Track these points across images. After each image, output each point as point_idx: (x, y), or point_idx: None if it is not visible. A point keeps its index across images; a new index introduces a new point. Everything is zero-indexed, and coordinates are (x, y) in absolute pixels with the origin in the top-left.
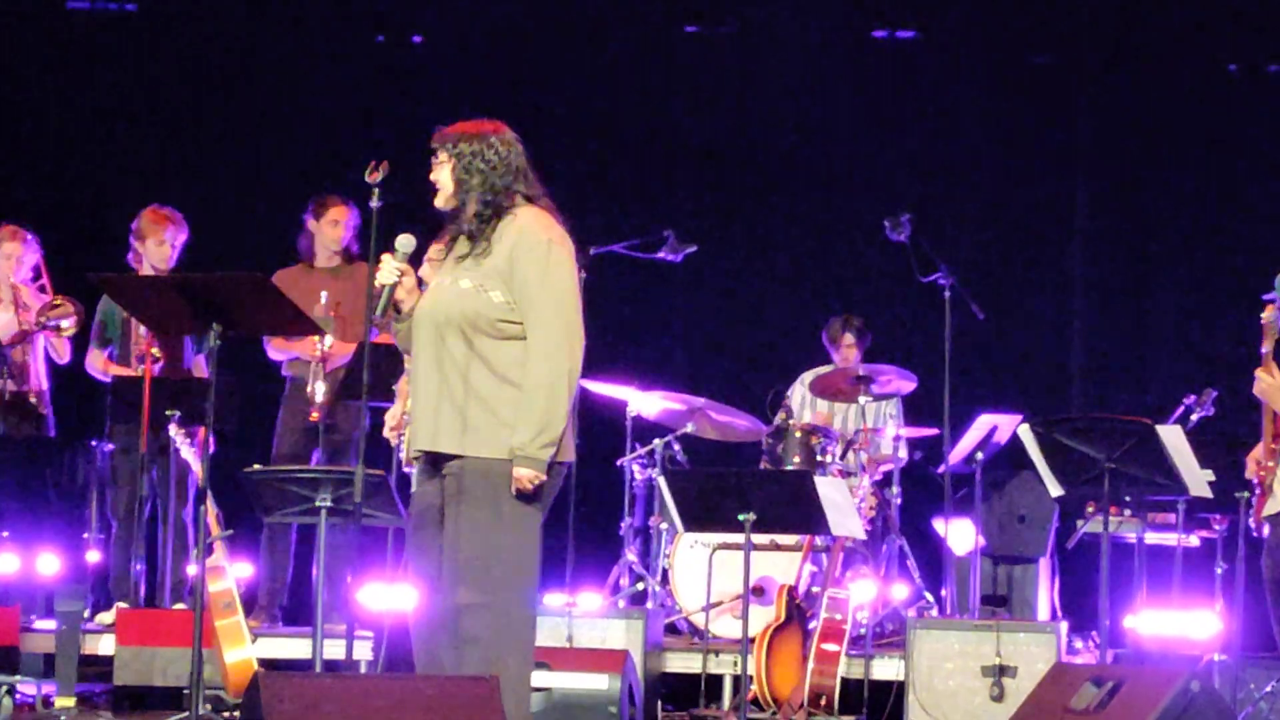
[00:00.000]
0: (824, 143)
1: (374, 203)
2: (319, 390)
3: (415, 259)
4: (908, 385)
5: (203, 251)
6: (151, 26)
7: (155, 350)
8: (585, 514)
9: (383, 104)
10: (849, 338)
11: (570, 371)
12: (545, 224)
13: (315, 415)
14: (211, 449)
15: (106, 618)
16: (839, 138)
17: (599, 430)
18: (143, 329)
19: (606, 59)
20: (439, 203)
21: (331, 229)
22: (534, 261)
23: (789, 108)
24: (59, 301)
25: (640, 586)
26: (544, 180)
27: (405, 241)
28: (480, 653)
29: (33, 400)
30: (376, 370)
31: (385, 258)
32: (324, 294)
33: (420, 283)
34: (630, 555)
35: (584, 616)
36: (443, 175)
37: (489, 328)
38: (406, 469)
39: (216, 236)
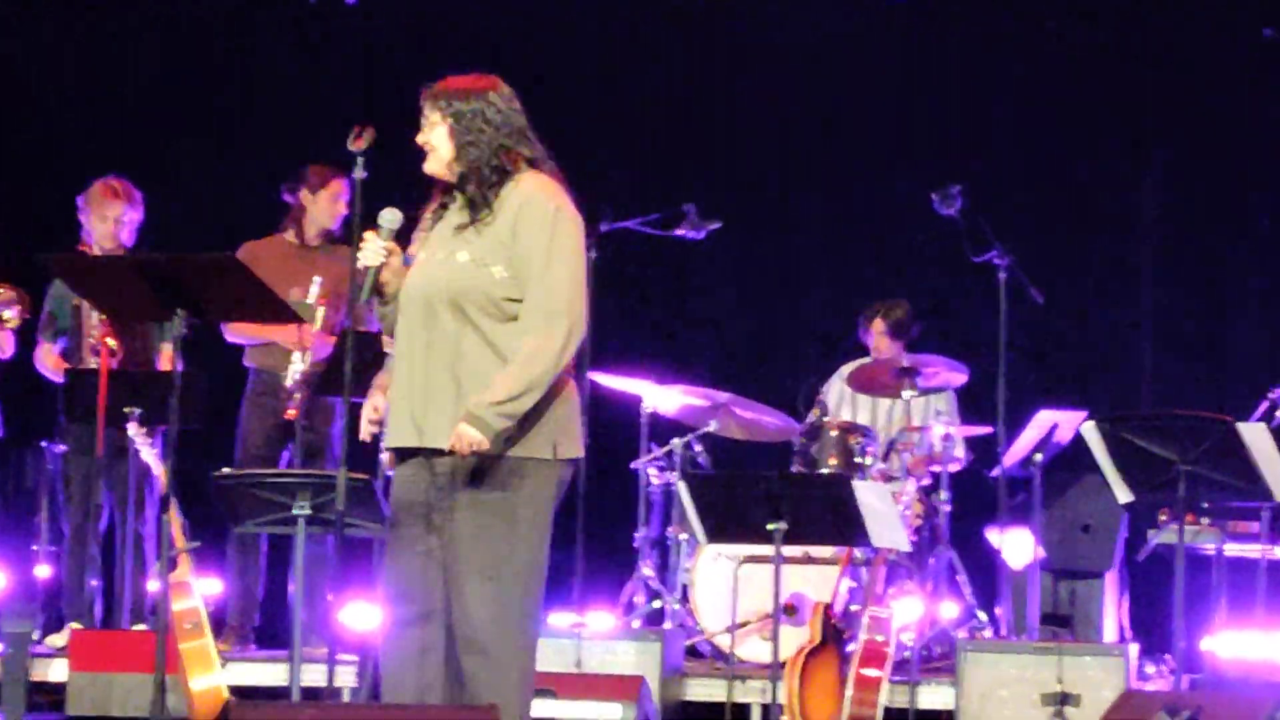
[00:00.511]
0: (865, 107)
1: (358, 173)
2: (297, 385)
3: (401, 236)
4: (958, 378)
5: (162, 231)
6: None
7: (111, 341)
8: (595, 523)
9: (365, 65)
10: (880, 326)
11: (561, 352)
12: (552, 191)
13: (292, 412)
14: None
15: (58, 640)
16: (882, 102)
17: (611, 429)
18: (97, 318)
19: (623, 15)
20: (431, 168)
21: (330, 204)
22: (538, 231)
23: (826, 68)
24: (0, 289)
25: (657, 604)
26: (551, 146)
27: (390, 217)
28: (481, 678)
29: None
30: (358, 363)
31: (369, 236)
32: (317, 279)
33: (407, 261)
34: (646, 569)
35: (594, 638)
36: (436, 137)
37: (491, 306)
38: (389, 472)
39: (178, 214)
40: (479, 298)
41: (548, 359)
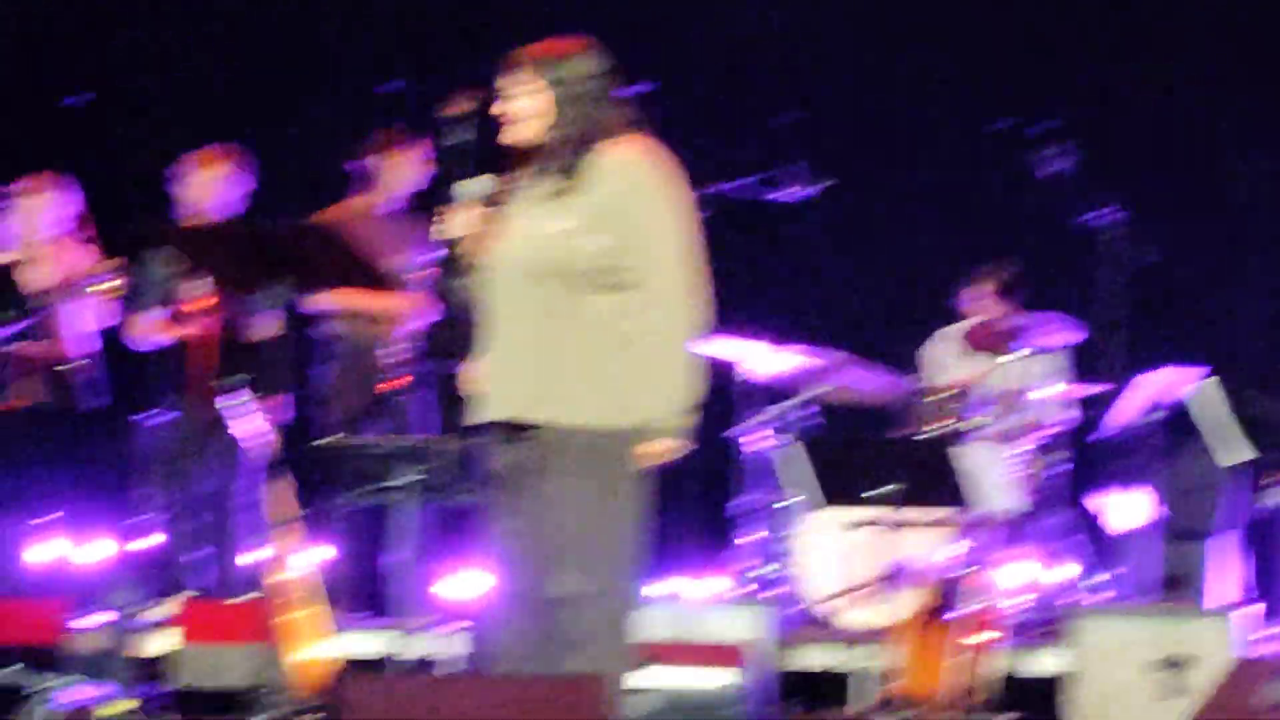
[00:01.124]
0: (970, 60)
1: (449, 140)
2: (391, 352)
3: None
4: (1072, 337)
5: (268, 201)
6: None
7: (209, 307)
8: (698, 489)
9: (456, 24)
10: (988, 288)
11: (696, 323)
12: (656, 157)
13: (386, 384)
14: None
15: (165, 611)
16: (988, 54)
17: (710, 395)
18: (193, 288)
19: None
20: (521, 135)
21: (402, 170)
22: (649, 199)
23: (935, 25)
24: (101, 257)
25: (764, 572)
26: (644, 106)
27: (475, 186)
28: (582, 649)
29: (75, 368)
30: (451, 332)
31: (453, 208)
32: (406, 247)
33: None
34: (750, 537)
35: (699, 606)
36: (533, 104)
37: (588, 276)
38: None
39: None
40: (576, 267)
41: (686, 332)
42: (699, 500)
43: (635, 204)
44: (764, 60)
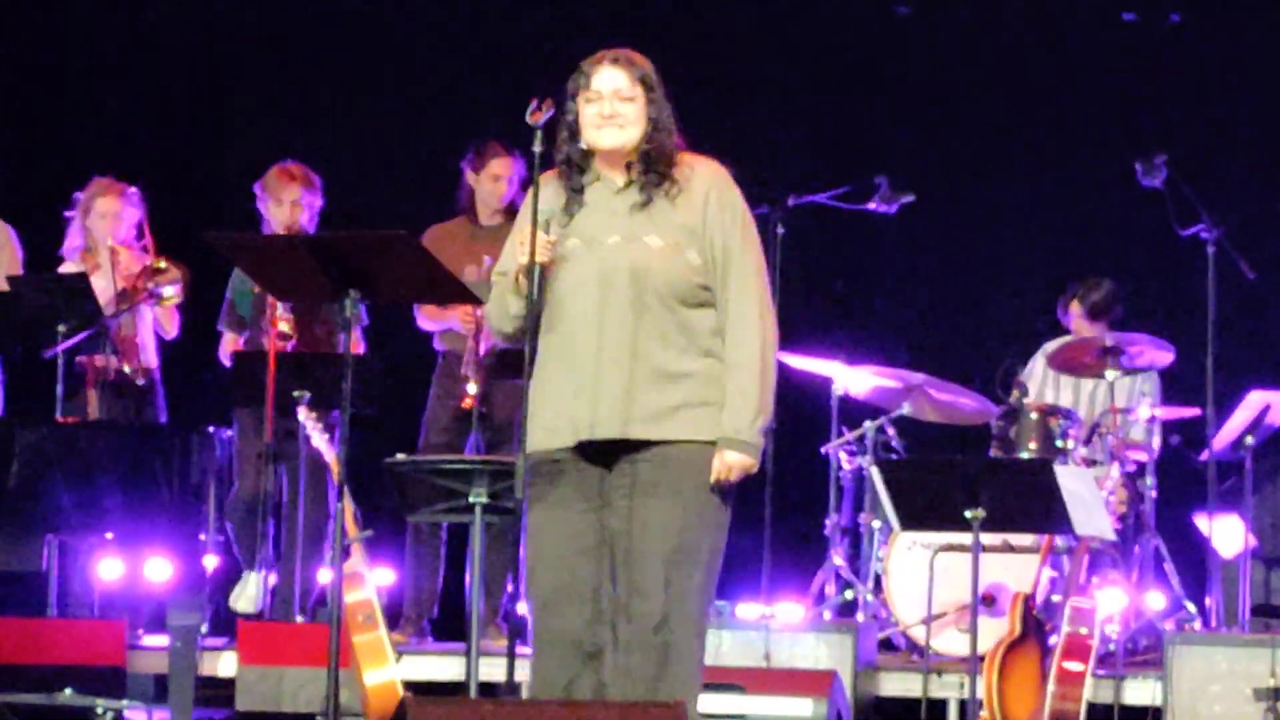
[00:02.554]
0: (1064, 74)
1: (537, 147)
2: (472, 370)
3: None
4: (1164, 357)
5: (340, 210)
6: None
7: (284, 325)
8: (784, 510)
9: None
10: (1078, 308)
11: (774, 344)
12: (731, 178)
13: (469, 401)
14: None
15: (249, 587)
16: (1082, 68)
17: (799, 412)
18: (281, 308)
19: None
20: (614, 142)
21: (493, 184)
22: (735, 219)
23: (1021, 33)
24: (162, 265)
25: (849, 595)
26: (736, 118)
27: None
28: (663, 671)
29: (141, 381)
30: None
31: (540, 235)
32: (487, 258)
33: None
34: (837, 559)
35: (784, 630)
36: (632, 110)
37: (688, 293)
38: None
39: (356, 193)
40: (675, 284)
41: (771, 354)
42: (791, 518)
43: (724, 222)
44: (848, 72)
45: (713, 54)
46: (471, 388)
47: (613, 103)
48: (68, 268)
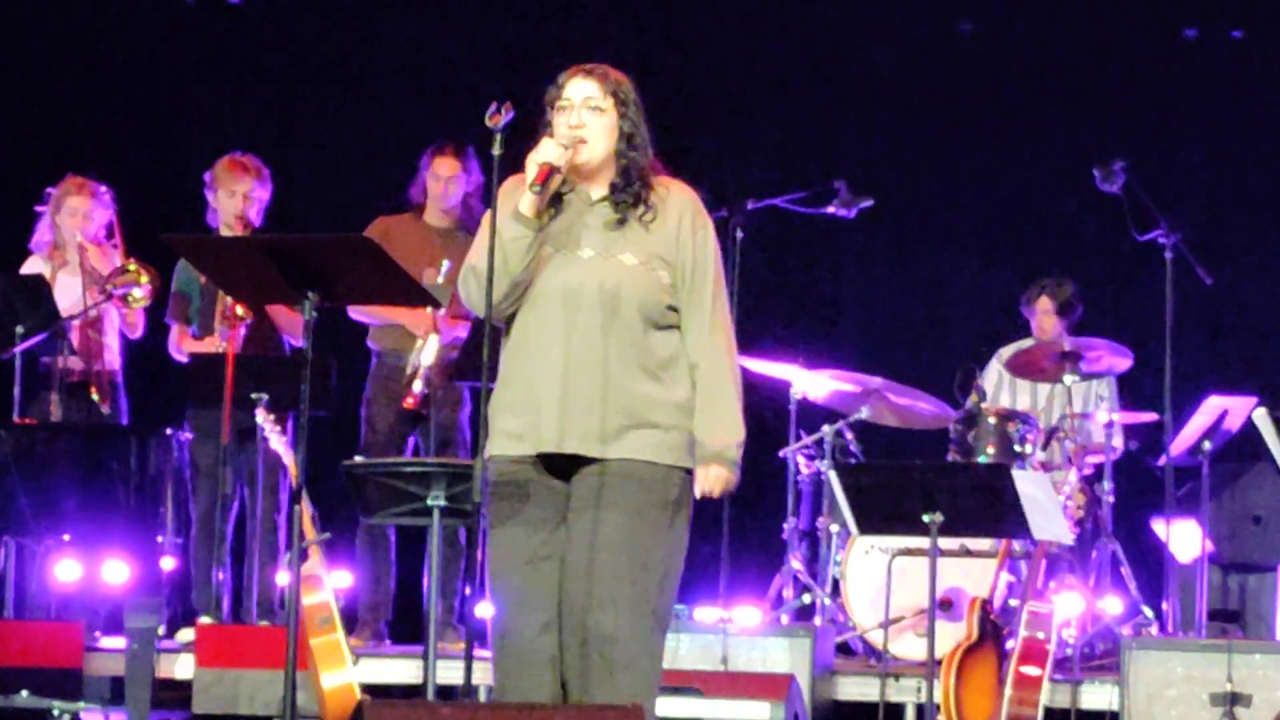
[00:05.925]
0: (1022, 80)
1: (496, 150)
2: (422, 370)
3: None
4: (1122, 363)
5: (293, 208)
6: None
7: (240, 310)
8: (742, 514)
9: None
10: (1045, 303)
11: (737, 362)
12: (699, 200)
13: (410, 402)
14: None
15: (185, 635)
16: (1041, 73)
17: (757, 417)
18: (230, 300)
19: None
20: (585, 158)
21: (433, 183)
22: (704, 239)
23: (982, 40)
24: (130, 266)
25: (807, 599)
26: (694, 124)
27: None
28: (616, 681)
29: (102, 382)
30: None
31: (546, 140)
32: (446, 262)
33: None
34: (795, 563)
35: (742, 634)
36: (602, 125)
37: (657, 314)
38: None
39: (311, 191)
40: (646, 303)
41: (738, 373)
42: (749, 522)
43: (694, 243)
44: (806, 76)
45: (671, 58)
46: (417, 385)
47: (581, 112)
48: (34, 262)
